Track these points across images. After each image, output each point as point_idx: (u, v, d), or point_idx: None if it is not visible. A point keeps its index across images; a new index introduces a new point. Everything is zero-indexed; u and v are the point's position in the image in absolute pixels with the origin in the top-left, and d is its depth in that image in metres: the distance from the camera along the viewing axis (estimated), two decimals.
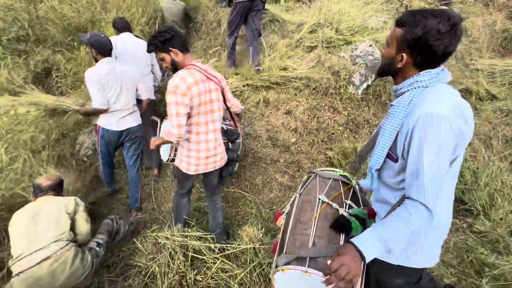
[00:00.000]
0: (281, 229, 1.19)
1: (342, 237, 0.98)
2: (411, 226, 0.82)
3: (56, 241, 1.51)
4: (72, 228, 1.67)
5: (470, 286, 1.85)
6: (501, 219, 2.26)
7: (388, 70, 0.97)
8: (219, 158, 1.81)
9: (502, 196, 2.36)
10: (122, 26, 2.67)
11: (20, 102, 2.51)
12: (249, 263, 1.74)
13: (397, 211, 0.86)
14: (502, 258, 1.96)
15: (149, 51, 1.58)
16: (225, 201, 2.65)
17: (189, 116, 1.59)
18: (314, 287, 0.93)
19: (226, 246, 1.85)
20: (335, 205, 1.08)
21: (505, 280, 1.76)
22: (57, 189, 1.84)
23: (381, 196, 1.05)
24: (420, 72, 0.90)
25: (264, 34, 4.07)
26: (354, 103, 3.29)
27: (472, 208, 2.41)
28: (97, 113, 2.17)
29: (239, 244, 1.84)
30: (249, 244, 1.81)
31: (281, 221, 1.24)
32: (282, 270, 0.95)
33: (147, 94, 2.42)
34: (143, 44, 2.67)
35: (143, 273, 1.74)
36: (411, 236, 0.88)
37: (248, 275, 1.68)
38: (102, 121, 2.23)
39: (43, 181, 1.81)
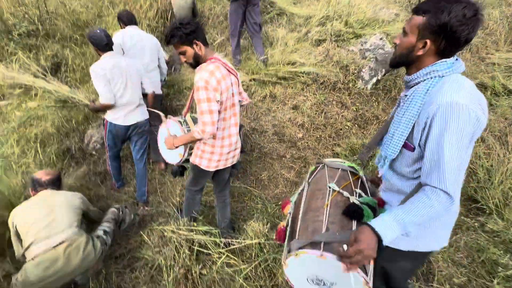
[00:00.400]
0: (289, 217, 1.20)
1: (354, 223, 0.99)
2: (431, 211, 0.84)
3: (70, 227, 1.59)
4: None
5: (480, 286, 1.80)
6: None
7: (405, 60, 0.95)
8: (237, 153, 1.79)
9: None
10: (128, 19, 2.66)
11: (38, 85, 2.58)
12: (254, 258, 1.74)
13: (417, 197, 0.87)
14: None
15: (171, 43, 1.46)
16: (230, 196, 2.64)
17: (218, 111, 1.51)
18: (328, 271, 0.94)
19: (232, 241, 1.85)
20: (346, 193, 1.09)
21: None
22: (57, 183, 1.87)
23: (392, 186, 1.06)
24: (436, 62, 0.90)
25: (272, 28, 4.01)
26: (363, 98, 3.21)
27: (484, 207, 2.34)
28: (105, 108, 2.19)
29: (244, 239, 1.84)
30: (255, 239, 1.81)
31: (288, 210, 1.25)
32: (296, 254, 0.95)
33: (152, 87, 2.41)
34: (150, 37, 2.66)
35: (150, 265, 1.76)
36: (428, 221, 0.89)
37: (253, 270, 1.68)
38: (110, 116, 2.24)
39: (42, 175, 1.83)
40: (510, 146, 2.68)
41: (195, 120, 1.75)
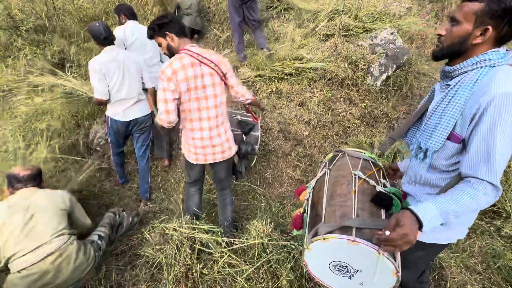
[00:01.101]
0: (307, 203, 1.17)
1: (383, 212, 0.96)
2: (476, 203, 0.82)
3: (58, 236, 1.46)
4: (70, 221, 1.63)
5: None
6: None
7: (457, 50, 0.90)
8: (219, 150, 1.70)
9: None
10: (130, 13, 2.62)
11: (48, 79, 2.59)
12: (257, 259, 1.68)
13: (461, 188, 0.85)
14: None
15: (148, 36, 1.60)
16: (234, 194, 2.60)
17: (181, 102, 1.56)
18: (355, 258, 0.91)
19: (234, 241, 1.80)
20: (372, 182, 1.06)
21: None
22: (37, 179, 1.70)
23: (420, 178, 1.03)
24: (487, 51, 0.86)
25: (279, 23, 3.92)
26: (372, 95, 3.10)
27: (500, 210, 2.21)
28: (99, 103, 2.15)
29: (247, 239, 1.79)
30: (257, 239, 1.75)
31: (305, 195, 1.22)
32: (324, 239, 0.91)
33: (152, 82, 2.35)
34: None
35: (150, 263, 1.73)
36: (469, 213, 0.88)
37: (256, 271, 1.62)
38: (109, 111, 2.21)
39: (19, 171, 1.65)
40: None
41: None
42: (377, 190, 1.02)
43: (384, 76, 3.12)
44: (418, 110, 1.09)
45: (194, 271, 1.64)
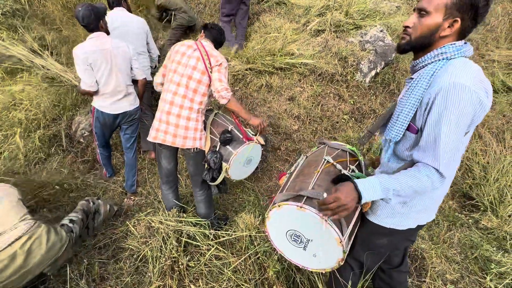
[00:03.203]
0: (283, 185, 1.25)
1: None
2: (418, 184, 0.86)
3: (22, 221, 1.42)
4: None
5: (473, 283, 1.78)
6: (510, 216, 2.17)
7: (425, 42, 0.91)
8: (172, 131, 1.67)
9: None
10: (113, 0, 2.50)
11: (28, 57, 2.44)
12: (244, 251, 1.68)
13: (407, 170, 0.90)
14: (509, 256, 1.88)
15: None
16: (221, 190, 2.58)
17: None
18: (306, 226, 1.01)
19: (221, 233, 1.79)
20: (339, 166, 1.16)
21: None
22: None
23: (389, 168, 1.07)
24: (444, 45, 0.90)
25: (270, 17, 3.89)
26: (361, 91, 3.14)
27: (479, 204, 2.31)
28: (86, 94, 2.04)
29: (234, 231, 1.78)
30: (245, 232, 1.75)
31: (284, 180, 1.30)
32: (279, 206, 1.02)
33: (143, 73, 2.25)
34: (136, 21, 2.51)
35: (135, 256, 1.69)
36: (413, 196, 0.91)
37: (243, 263, 1.62)
38: (96, 102, 2.09)
39: None
40: (507, 143, 2.65)
41: None
42: (341, 173, 1.12)
43: (373, 73, 3.16)
44: (393, 104, 1.13)
45: (180, 263, 1.61)
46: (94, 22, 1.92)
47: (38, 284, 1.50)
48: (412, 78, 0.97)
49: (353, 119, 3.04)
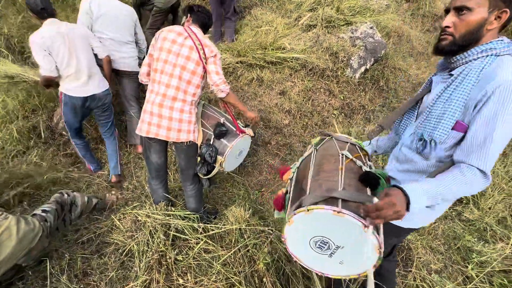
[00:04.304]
0: (290, 183, 1.14)
1: (368, 190, 0.93)
2: (463, 188, 0.81)
3: None
4: None
5: (456, 272, 1.84)
6: (490, 208, 2.25)
7: (473, 37, 0.87)
8: (165, 125, 1.60)
9: (493, 186, 2.34)
10: None
11: None
12: (234, 244, 1.66)
13: (450, 172, 0.84)
14: (489, 246, 1.96)
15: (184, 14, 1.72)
16: (212, 182, 2.54)
17: (153, 58, 1.60)
18: (338, 232, 0.86)
19: (211, 226, 1.76)
20: (359, 162, 1.04)
21: (492, 267, 1.75)
22: None
23: (415, 166, 1.01)
24: (491, 40, 0.86)
25: (262, 11, 3.85)
26: (351, 87, 3.17)
27: (462, 197, 2.39)
28: (48, 81, 1.96)
29: (224, 225, 1.75)
30: (235, 225, 1.72)
31: (289, 175, 1.17)
32: (308, 210, 0.85)
33: (104, 51, 2.18)
34: (125, 8, 2.41)
35: (120, 251, 1.64)
36: (455, 198, 0.86)
37: (232, 256, 1.60)
38: (63, 87, 2.04)
39: None
40: None
41: None
42: (364, 170, 1.00)
43: (363, 69, 3.19)
44: (411, 100, 1.07)
45: (168, 257, 1.57)
46: (50, 7, 1.89)
47: (15, 280, 1.42)
48: (451, 75, 0.92)
49: (343, 114, 3.07)
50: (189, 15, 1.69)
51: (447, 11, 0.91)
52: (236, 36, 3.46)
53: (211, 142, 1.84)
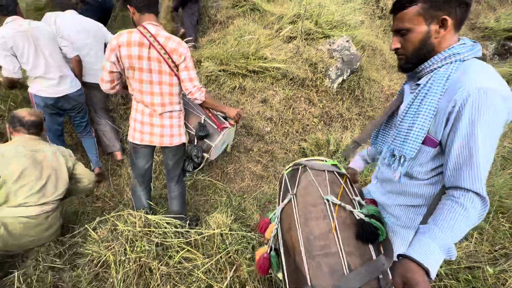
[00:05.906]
0: (279, 242, 0.98)
1: (371, 247, 0.84)
2: (470, 223, 0.72)
3: (57, 199, 1.63)
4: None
5: None
6: None
7: (424, 51, 0.83)
8: (158, 132, 1.62)
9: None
10: None
11: None
12: (216, 250, 1.64)
13: (449, 209, 0.73)
14: (455, 245, 2.09)
15: (120, 4, 1.66)
16: (194, 189, 2.51)
17: (126, 77, 1.55)
18: None
19: (192, 231, 1.73)
20: (348, 207, 0.90)
21: (458, 264, 1.86)
22: (39, 128, 1.68)
23: (396, 188, 0.95)
24: (454, 45, 0.81)
25: (244, 21, 3.96)
26: (329, 96, 3.32)
27: None
28: (11, 82, 1.88)
29: (205, 229, 1.74)
30: (216, 230, 1.71)
31: (271, 232, 1.02)
32: None
33: (73, 51, 2.11)
34: (95, 22, 2.40)
35: (95, 262, 1.56)
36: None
37: (214, 264, 1.58)
38: (33, 88, 1.96)
39: (25, 114, 1.62)
40: None
41: None
42: (357, 217, 0.88)
43: (340, 79, 3.37)
44: (385, 112, 1.01)
45: (146, 268, 1.52)
46: (13, 4, 1.82)
47: None
48: (418, 84, 0.87)
49: (322, 122, 3.19)
50: (130, 7, 1.47)
51: (393, 33, 0.89)
52: (219, 44, 3.52)
53: (195, 143, 1.87)
